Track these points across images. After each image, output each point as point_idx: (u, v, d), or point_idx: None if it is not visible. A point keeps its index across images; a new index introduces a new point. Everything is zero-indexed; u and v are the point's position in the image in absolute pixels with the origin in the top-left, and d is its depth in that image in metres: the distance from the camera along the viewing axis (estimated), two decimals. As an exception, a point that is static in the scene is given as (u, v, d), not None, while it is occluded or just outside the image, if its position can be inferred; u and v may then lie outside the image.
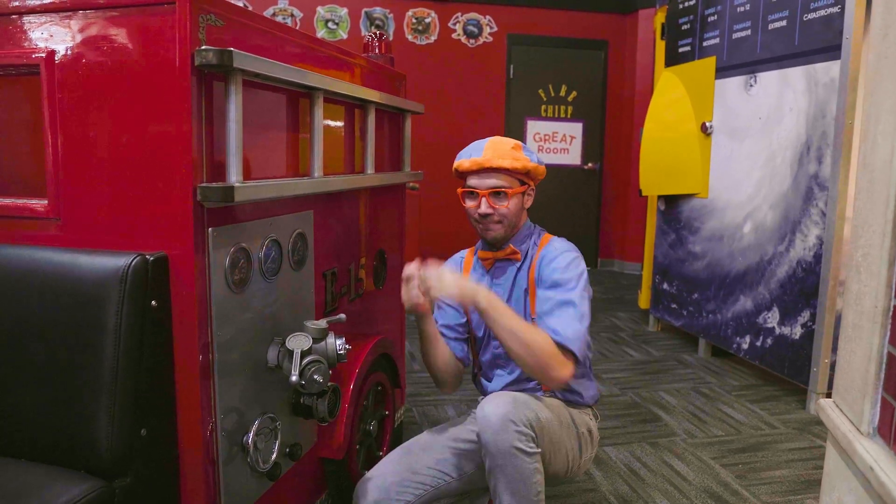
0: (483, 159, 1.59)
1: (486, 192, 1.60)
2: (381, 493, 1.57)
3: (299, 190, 1.49)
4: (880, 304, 1.10)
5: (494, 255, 1.70)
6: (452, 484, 1.62)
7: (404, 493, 1.58)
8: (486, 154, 1.59)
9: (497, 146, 1.61)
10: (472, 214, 1.64)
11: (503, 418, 1.39)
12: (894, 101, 1.08)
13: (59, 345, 1.16)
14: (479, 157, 1.59)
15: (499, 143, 1.62)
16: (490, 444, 1.40)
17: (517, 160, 1.60)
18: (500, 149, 1.60)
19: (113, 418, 1.12)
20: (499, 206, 1.61)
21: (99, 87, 1.23)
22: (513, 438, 1.39)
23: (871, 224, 1.14)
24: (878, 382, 1.12)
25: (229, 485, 1.32)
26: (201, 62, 1.16)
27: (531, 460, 1.41)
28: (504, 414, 1.40)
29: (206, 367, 1.25)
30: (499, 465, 1.41)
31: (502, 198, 1.61)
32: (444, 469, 1.63)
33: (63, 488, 1.04)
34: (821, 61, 2.76)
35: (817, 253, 2.79)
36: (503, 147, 1.61)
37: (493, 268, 1.72)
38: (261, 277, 1.41)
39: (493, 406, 1.42)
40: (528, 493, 1.43)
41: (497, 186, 1.60)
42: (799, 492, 2.15)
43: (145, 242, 1.23)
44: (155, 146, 1.20)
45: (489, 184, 1.60)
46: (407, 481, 1.59)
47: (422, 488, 1.60)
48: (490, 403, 1.44)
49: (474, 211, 1.62)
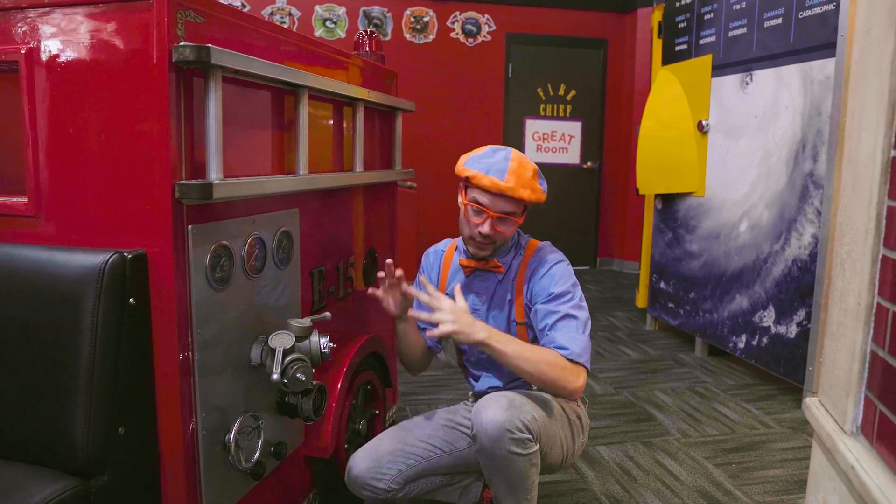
0: (506, 186, 1.50)
1: (496, 215, 1.54)
2: (373, 461, 1.60)
3: (281, 187, 1.48)
4: (863, 302, 1.08)
5: (476, 266, 1.67)
6: (444, 458, 1.65)
7: (395, 463, 1.61)
8: (510, 180, 1.50)
9: (521, 173, 1.52)
10: (471, 230, 1.58)
11: (500, 427, 1.39)
12: (878, 97, 1.06)
13: (35, 342, 1.15)
14: (501, 182, 1.50)
15: (522, 170, 1.53)
16: (487, 449, 1.42)
17: (534, 192, 1.54)
18: (523, 176, 1.52)
19: (89, 417, 1.11)
20: (502, 230, 1.56)
21: (78, 84, 1.22)
22: (509, 445, 1.39)
23: (854, 221, 1.13)
24: (861, 381, 1.11)
25: (211, 484, 1.32)
26: (179, 58, 1.15)
27: (527, 459, 1.42)
28: (501, 423, 1.39)
29: (186, 366, 1.25)
30: (495, 467, 1.44)
31: (509, 224, 1.57)
32: (435, 443, 1.66)
33: (37, 487, 1.03)
34: (816, 59, 2.75)
35: (813, 251, 2.78)
36: (525, 175, 1.53)
37: (472, 274, 1.70)
38: (244, 275, 1.41)
39: (489, 413, 1.41)
40: (523, 486, 1.46)
41: (508, 213, 1.55)
42: (792, 491, 2.14)
43: (125, 240, 1.22)
44: (134, 143, 1.20)
45: (501, 208, 1.53)
46: (398, 452, 1.62)
47: (413, 458, 1.62)
48: (486, 410, 1.42)
49: (475, 228, 1.56)
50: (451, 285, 1.73)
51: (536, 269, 1.62)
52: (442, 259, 1.79)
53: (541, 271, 1.60)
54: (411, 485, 1.63)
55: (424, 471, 1.64)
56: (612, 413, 2.80)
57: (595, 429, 2.61)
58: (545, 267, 1.60)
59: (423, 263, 1.83)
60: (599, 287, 5.45)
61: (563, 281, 1.57)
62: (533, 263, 1.63)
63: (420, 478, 1.64)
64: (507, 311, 1.66)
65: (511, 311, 1.66)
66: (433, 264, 1.80)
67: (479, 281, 1.69)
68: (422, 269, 1.82)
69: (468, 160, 1.58)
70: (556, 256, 1.64)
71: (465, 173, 1.55)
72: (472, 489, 1.79)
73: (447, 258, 1.78)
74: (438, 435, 1.68)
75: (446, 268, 1.77)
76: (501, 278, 1.67)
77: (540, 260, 1.63)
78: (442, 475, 1.70)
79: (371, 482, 1.58)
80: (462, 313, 1.46)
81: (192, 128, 1.23)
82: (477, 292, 1.70)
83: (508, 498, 1.48)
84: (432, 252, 1.82)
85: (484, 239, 1.57)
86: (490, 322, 1.65)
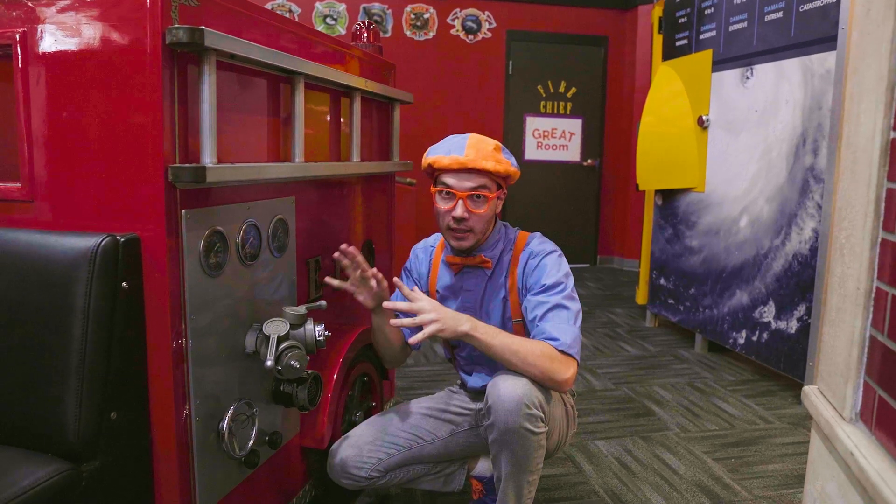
0: (466, 159, 1.47)
1: (464, 194, 1.50)
2: (354, 450, 1.59)
3: (276, 174, 1.47)
4: (862, 286, 1.07)
5: (463, 262, 1.62)
6: (426, 447, 1.64)
7: (376, 452, 1.60)
8: (469, 153, 1.48)
9: (480, 146, 1.51)
10: (444, 219, 1.54)
11: (518, 401, 1.37)
12: (877, 79, 1.05)
13: (27, 326, 1.14)
14: (460, 156, 1.48)
15: (481, 143, 1.52)
16: (500, 422, 1.39)
17: (500, 163, 1.50)
18: (482, 149, 1.50)
19: (81, 401, 1.10)
20: (476, 211, 1.51)
21: (71, 67, 1.21)
22: (523, 420, 1.38)
23: (853, 205, 1.12)
24: (860, 367, 1.09)
25: (204, 471, 1.31)
26: (172, 40, 1.14)
27: (537, 438, 1.41)
28: (519, 397, 1.37)
29: (179, 351, 1.24)
30: (506, 441, 1.41)
31: (481, 202, 1.52)
32: (417, 432, 1.65)
33: (28, 471, 1.03)
34: (817, 52, 2.74)
35: (813, 246, 2.76)
36: (485, 147, 1.51)
37: (461, 272, 1.65)
38: (238, 262, 1.40)
39: (507, 386, 1.39)
40: (529, 466, 1.45)
41: (477, 188, 1.50)
42: (791, 486, 2.13)
43: (119, 224, 1.21)
44: (127, 126, 1.19)
45: (469, 185, 1.50)
46: (379, 441, 1.61)
47: (394, 448, 1.62)
48: (504, 383, 1.40)
49: (447, 215, 1.52)
50: (442, 281, 1.69)
51: (528, 261, 1.58)
52: (432, 255, 1.74)
53: (532, 263, 1.57)
54: (392, 473, 1.62)
55: (406, 459, 1.63)
56: (610, 408, 2.79)
57: (593, 423, 2.60)
58: (536, 258, 1.57)
59: (410, 259, 1.78)
60: (599, 284, 5.43)
61: (554, 271, 1.54)
62: (524, 257, 1.59)
63: (402, 466, 1.63)
64: (501, 309, 1.63)
65: (506, 308, 1.62)
66: (422, 261, 1.75)
67: (469, 278, 1.65)
68: (408, 264, 1.77)
69: (430, 150, 1.57)
70: (546, 247, 1.60)
71: (426, 161, 1.54)
72: (455, 477, 1.78)
73: (437, 254, 1.73)
74: (421, 424, 1.67)
75: (436, 265, 1.72)
76: (491, 274, 1.62)
77: (531, 252, 1.59)
78: (424, 464, 1.68)
79: (352, 470, 1.57)
80: (442, 308, 1.44)
81: (186, 111, 1.22)
82: (468, 290, 1.65)
83: (512, 477, 1.45)
84: (420, 248, 1.77)
85: (459, 224, 1.52)
86: (492, 314, 1.62)
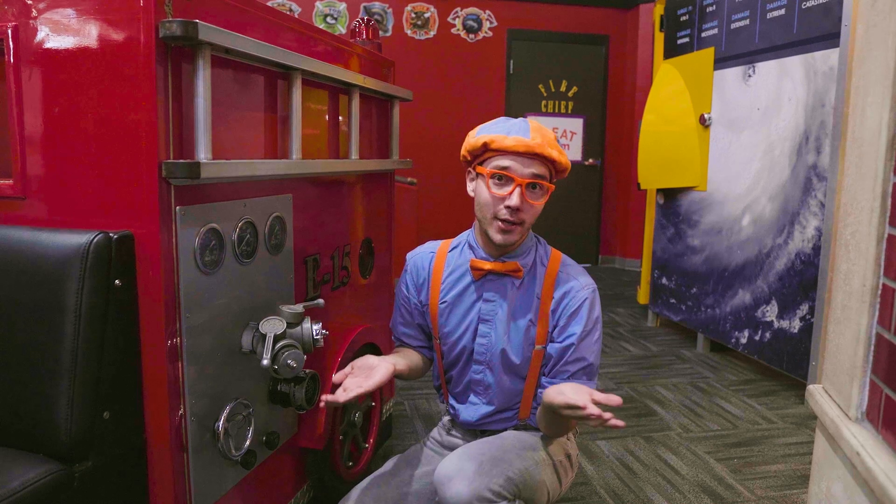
0: (533, 142, 1.31)
1: (525, 181, 1.33)
2: None
3: (272, 170, 1.45)
4: (868, 283, 1.05)
5: (493, 268, 1.43)
6: None
7: None
8: (535, 137, 1.32)
9: (544, 131, 1.36)
10: (494, 208, 1.36)
11: (469, 498, 1.23)
12: (883, 72, 1.03)
13: (17, 323, 1.12)
14: (526, 139, 1.32)
15: (544, 129, 1.37)
16: None
17: (562, 154, 1.36)
18: (547, 135, 1.35)
19: (72, 401, 1.08)
20: (533, 202, 1.35)
21: (64, 62, 1.19)
22: None
23: (859, 200, 1.10)
24: (866, 365, 1.07)
25: (199, 472, 1.29)
26: (166, 34, 1.12)
27: None
28: (466, 499, 1.22)
29: (173, 350, 1.22)
30: None
31: (539, 193, 1.36)
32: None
33: (18, 472, 1.01)
34: (819, 49, 2.71)
35: (816, 244, 2.74)
36: (549, 134, 1.36)
37: (482, 279, 1.47)
38: (234, 260, 1.38)
39: (453, 488, 1.24)
40: None
41: (539, 176, 1.34)
42: (794, 486, 2.10)
43: (112, 221, 1.19)
44: (120, 121, 1.17)
45: (531, 172, 1.33)
46: None
47: None
48: (450, 484, 1.25)
49: (499, 203, 1.34)
50: (451, 290, 1.51)
51: (567, 300, 1.42)
52: (432, 262, 1.55)
53: (571, 305, 1.42)
54: None
55: None
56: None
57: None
58: (577, 300, 1.42)
59: (407, 266, 1.60)
60: (601, 284, 5.41)
61: (589, 318, 1.41)
62: (560, 286, 1.43)
63: None
64: (524, 331, 1.45)
65: (530, 332, 1.45)
66: (420, 267, 1.57)
67: (491, 288, 1.47)
68: (406, 273, 1.59)
69: (481, 129, 1.40)
70: (584, 281, 1.44)
71: (479, 140, 1.36)
72: None
73: (439, 259, 1.55)
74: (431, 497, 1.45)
75: (438, 270, 1.54)
76: (519, 284, 1.45)
77: (570, 287, 1.43)
78: None
79: None
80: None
81: (180, 107, 1.20)
82: (489, 301, 1.47)
83: None
84: (419, 255, 1.59)
85: (513, 215, 1.35)
86: (511, 333, 1.45)
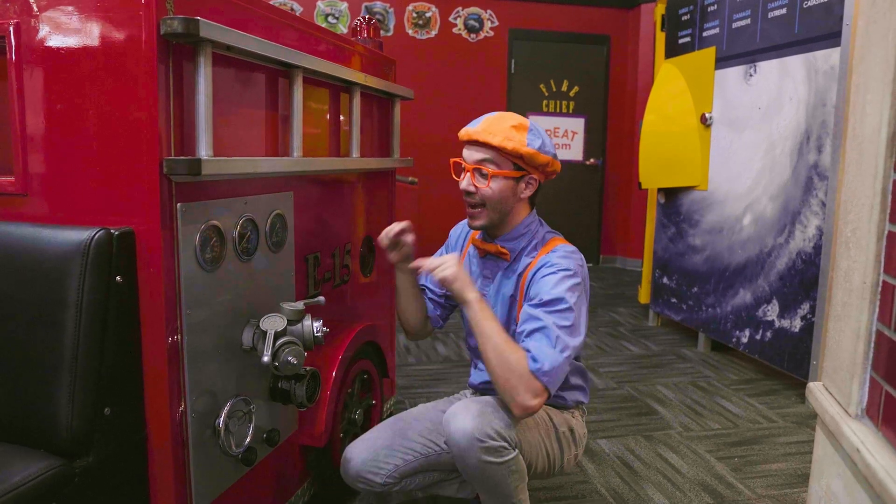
0: (474, 131, 1.48)
1: (470, 166, 1.49)
2: (370, 454, 1.55)
3: (272, 167, 1.46)
4: (868, 280, 1.05)
5: (483, 246, 1.59)
6: (443, 456, 1.58)
7: (392, 457, 1.55)
8: (480, 126, 1.48)
9: (495, 121, 1.48)
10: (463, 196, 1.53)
11: (469, 437, 1.35)
12: (883, 68, 1.03)
13: (19, 320, 1.12)
14: (471, 129, 1.50)
15: (498, 119, 1.49)
16: (459, 461, 1.39)
17: (509, 140, 1.45)
18: (496, 124, 1.47)
19: (73, 396, 1.09)
20: (480, 186, 1.48)
21: (65, 59, 1.19)
22: (480, 454, 1.35)
23: (859, 197, 1.10)
24: (866, 362, 1.07)
25: (200, 469, 1.29)
26: (167, 31, 1.13)
27: (504, 466, 1.38)
28: (470, 432, 1.35)
29: (174, 347, 1.22)
30: (473, 476, 1.41)
31: (483, 177, 1.48)
32: (435, 439, 1.59)
33: (19, 467, 1.01)
34: (821, 49, 2.71)
35: (817, 244, 2.74)
36: (501, 123, 1.47)
37: (485, 257, 1.62)
38: (235, 257, 1.38)
39: (457, 423, 1.37)
40: (504, 492, 1.42)
41: (482, 161, 1.48)
42: (795, 485, 2.10)
43: (114, 217, 1.20)
44: (122, 118, 1.17)
45: (475, 158, 1.49)
46: (396, 445, 1.57)
47: (411, 454, 1.57)
48: (455, 419, 1.38)
49: (460, 188, 1.51)
50: (466, 266, 1.67)
51: (539, 269, 1.48)
52: (468, 235, 1.72)
53: (541, 273, 1.47)
54: (408, 479, 1.58)
55: (422, 466, 1.58)
56: (612, 407, 2.76)
57: (596, 423, 2.58)
58: (548, 270, 1.47)
59: (450, 236, 1.78)
60: (602, 284, 5.41)
61: (557, 288, 1.42)
62: (540, 263, 1.50)
63: (417, 473, 1.59)
64: (507, 308, 1.57)
65: (513, 309, 1.56)
66: (459, 237, 1.75)
67: (489, 267, 1.62)
68: (448, 242, 1.78)
69: None
70: (565, 262, 1.47)
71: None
72: (468, 484, 1.73)
73: (472, 237, 1.69)
74: (438, 430, 1.58)
75: (468, 247, 1.71)
76: (506, 267, 1.57)
77: (546, 261, 1.49)
78: (440, 471, 1.63)
79: (367, 475, 1.54)
80: (463, 269, 1.44)
81: (181, 104, 1.21)
82: (486, 278, 1.62)
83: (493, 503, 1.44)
84: (461, 225, 1.76)
85: (468, 198, 1.51)
86: (498, 309, 1.58)
